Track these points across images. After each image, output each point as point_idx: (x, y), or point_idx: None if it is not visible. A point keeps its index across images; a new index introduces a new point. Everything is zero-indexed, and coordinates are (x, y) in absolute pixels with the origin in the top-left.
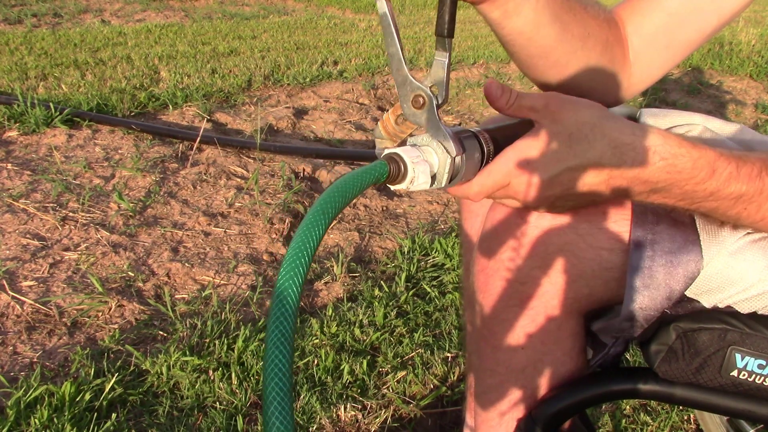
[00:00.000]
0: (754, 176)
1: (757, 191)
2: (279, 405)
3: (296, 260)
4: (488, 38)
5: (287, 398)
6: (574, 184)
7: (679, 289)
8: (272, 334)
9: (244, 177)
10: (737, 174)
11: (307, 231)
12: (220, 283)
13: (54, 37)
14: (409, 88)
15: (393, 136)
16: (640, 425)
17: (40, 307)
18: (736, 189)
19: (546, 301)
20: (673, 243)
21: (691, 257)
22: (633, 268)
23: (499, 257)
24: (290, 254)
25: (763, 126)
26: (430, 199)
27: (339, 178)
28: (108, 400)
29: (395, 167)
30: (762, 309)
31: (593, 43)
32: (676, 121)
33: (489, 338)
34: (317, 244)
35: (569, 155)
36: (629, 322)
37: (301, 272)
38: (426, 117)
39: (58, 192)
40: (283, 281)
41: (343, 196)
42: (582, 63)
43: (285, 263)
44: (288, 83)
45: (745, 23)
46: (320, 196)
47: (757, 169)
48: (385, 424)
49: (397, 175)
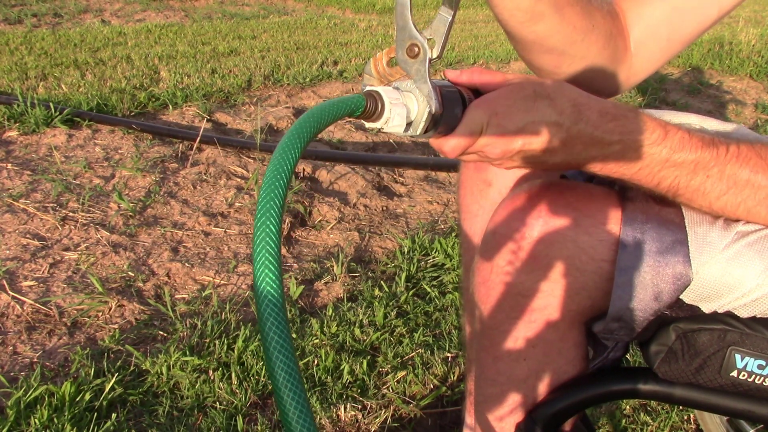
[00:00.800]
0: (707, 142)
1: (712, 157)
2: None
3: (275, 181)
4: (488, 38)
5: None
6: (533, 139)
7: (668, 289)
8: (259, 253)
9: (244, 177)
10: (689, 139)
11: (283, 153)
12: (220, 283)
13: (54, 37)
14: (408, 35)
15: (381, 77)
16: (640, 425)
17: (40, 307)
18: (690, 155)
19: (548, 314)
20: (662, 243)
21: (679, 258)
22: (620, 267)
23: (500, 270)
24: (269, 175)
25: (763, 126)
26: (430, 199)
27: (316, 105)
28: (108, 400)
29: (372, 104)
30: (761, 313)
31: (596, 36)
32: (673, 121)
33: (490, 349)
34: (293, 166)
35: (532, 108)
36: (617, 323)
37: (280, 193)
38: (416, 68)
39: (58, 192)
40: (264, 202)
41: (318, 122)
42: (580, 54)
43: (265, 183)
44: (288, 83)
45: (745, 23)
46: (296, 121)
47: (709, 136)
48: (385, 424)
49: (372, 112)
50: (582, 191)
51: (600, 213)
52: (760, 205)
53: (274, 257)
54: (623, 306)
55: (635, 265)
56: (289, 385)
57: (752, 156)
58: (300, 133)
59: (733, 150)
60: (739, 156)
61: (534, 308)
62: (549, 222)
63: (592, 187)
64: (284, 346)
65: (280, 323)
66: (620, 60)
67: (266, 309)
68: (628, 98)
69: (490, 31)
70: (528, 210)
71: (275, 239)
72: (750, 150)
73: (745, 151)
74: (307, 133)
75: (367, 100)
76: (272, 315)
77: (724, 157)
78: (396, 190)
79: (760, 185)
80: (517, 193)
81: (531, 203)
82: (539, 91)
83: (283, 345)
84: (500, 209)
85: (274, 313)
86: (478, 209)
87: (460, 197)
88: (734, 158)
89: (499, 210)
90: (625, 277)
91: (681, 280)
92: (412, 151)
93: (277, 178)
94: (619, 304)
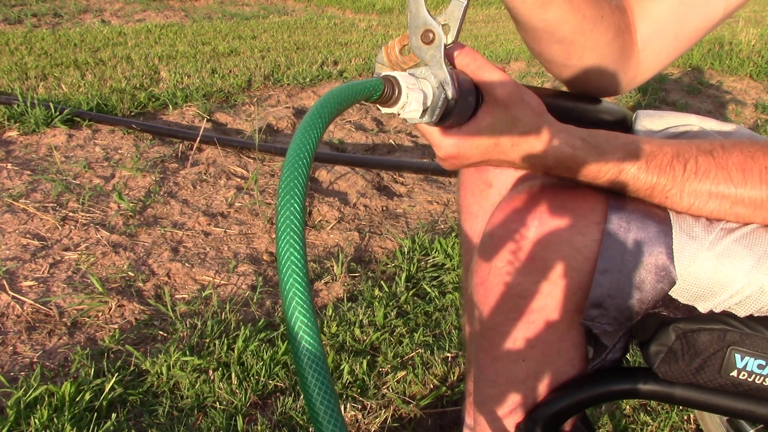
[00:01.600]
0: (664, 166)
1: (669, 180)
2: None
3: (298, 160)
4: (488, 38)
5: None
6: (489, 164)
7: (650, 279)
8: (283, 228)
9: (244, 177)
10: (646, 168)
11: (305, 132)
12: (220, 283)
13: (54, 37)
14: (422, 21)
15: (394, 65)
16: (640, 425)
17: (40, 307)
18: (647, 181)
19: (547, 315)
20: (646, 232)
21: (662, 249)
22: (603, 254)
23: (498, 271)
24: (291, 154)
25: (763, 126)
26: (430, 199)
27: (334, 88)
28: (108, 400)
29: (390, 89)
30: (758, 311)
31: (605, 26)
32: (672, 122)
33: (489, 350)
34: (315, 145)
35: (493, 148)
36: (597, 310)
37: (303, 172)
38: (431, 54)
39: (58, 192)
40: (288, 181)
41: (338, 104)
42: (590, 44)
43: (287, 162)
44: (288, 83)
45: (745, 23)
46: (316, 102)
47: (668, 159)
48: (385, 424)
49: (390, 97)
50: (576, 192)
51: (593, 212)
52: (729, 213)
53: (299, 235)
54: (603, 293)
55: (618, 253)
56: (313, 371)
57: (711, 168)
58: (321, 113)
59: (691, 167)
60: (698, 171)
61: (532, 309)
62: (545, 223)
63: (586, 188)
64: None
65: (304, 302)
66: (628, 55)
67: (289, 280)
68: (629, 98)
69: (490, 31)
70: (525, 211)
71: (299, 218)
72: (710, 162)
73: (704, 164)
74: (328, 114)
75: (384, 84)
76: (297, 290)
77: (681, 177)
78: (396, 190)
79: (723, 195)
80: (514, 194)
81: (528, 205)
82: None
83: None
84: (498, 211)
85: (298, 290)
86: (479, 210)
87: (460, 198)
88: (692, 175)
89: (497, 211)
90: (606, 264)
91: (663, 272)
92: (411, 152)
93: (299, 157)
94: (599, 290)
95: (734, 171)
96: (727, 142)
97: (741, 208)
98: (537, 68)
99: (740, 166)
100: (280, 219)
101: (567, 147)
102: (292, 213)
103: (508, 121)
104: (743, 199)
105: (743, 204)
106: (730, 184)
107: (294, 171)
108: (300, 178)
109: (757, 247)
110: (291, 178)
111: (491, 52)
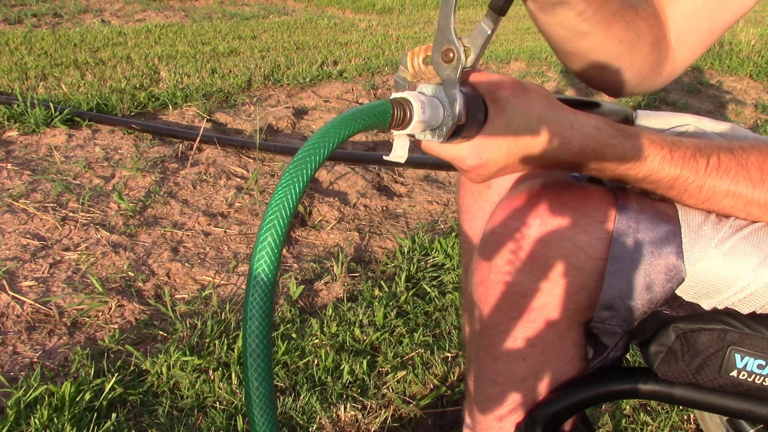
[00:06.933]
0: (687, 158)
1: (692, 173)
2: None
3: (292, 182)
4: None
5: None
6: (515, 167)
7: (660, 280)
8: (266, 225)
9: (244, 177)
10: (671, 158)
11: (304, 158)
12: (220, 283)
13: (54, 37)
14: (447, 38)
15: (414, 73)
16: (640, 425)
17: (40, 307)
18: (670, 172)
19: (547, 313)
20: (655, 233)
21: (672, 249)
22: (613, 256)
23: (499, 270)
24: (285, 178)
25: (763, 126)
26: (430, 199)
27: (343, 113)
28: (108, 400)
29: (400, 113)
30: (761, 308)
31: (641, 45)
32: (670, 122)
33: (489, 348)
34: (312, 173)
35: (515, 145)
36: (608, 312)
37: (298, 188)
38: (448, 73)
39: (58, 192)
40: (283, 191)
41: (345, 129)
42: (626, 65)
43: (283, 180)
44: (288, 83)
45: (745, 23)
46: (323, 126)
47: (690, 152)
48: (385, 424)
49: (401, 121)
50: (579, 190)
51: (597, 211)
52: (741, 211)
53: (276, 251)
54: (614, 294)
55: (628, 254)
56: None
57: (732, 166)
58: (324, 139)
59: (714, 162)
60: (720, 167)
61: (533, 308)
62: (547, 222)
63: (589, 186)
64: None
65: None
66: (663, 61)
67: (255, 291)
68: (629, 97)
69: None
70: (526, 210)
71: (279, 240)
72: (731, 160)
73: (726, 161)
74: (333, 139)
75: (393, 108)
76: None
77: (703, 171)
78: (396, 190)
79: (739, 194)
80: (515, 193)
81: (529, 203)
82: (522, 128)
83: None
84: (498, 210)
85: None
86: (478, 210)
87: (459, 198)
88: (714, 170)
89: (498, 210)
90: (617, 266)
91: (673, 272)
92: (411, 151)
93: (293, 181)
94: (610, 292)
95: (753, 170)
96: (744, 142)
97: (755, 208)
98: (537, 68)
99: (759, 166)
100: (269, 214)
101: (590, 127)
102: (273, 237)
103: (520, 112)
104: (758, 199)
105: (758, 204)
106: (749, 183)
107: (289, 185)
108: (287, 205)
109: (764, 245)
110: (278, 205)
111: (491, 52)
